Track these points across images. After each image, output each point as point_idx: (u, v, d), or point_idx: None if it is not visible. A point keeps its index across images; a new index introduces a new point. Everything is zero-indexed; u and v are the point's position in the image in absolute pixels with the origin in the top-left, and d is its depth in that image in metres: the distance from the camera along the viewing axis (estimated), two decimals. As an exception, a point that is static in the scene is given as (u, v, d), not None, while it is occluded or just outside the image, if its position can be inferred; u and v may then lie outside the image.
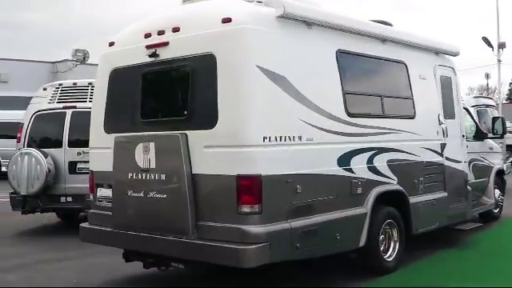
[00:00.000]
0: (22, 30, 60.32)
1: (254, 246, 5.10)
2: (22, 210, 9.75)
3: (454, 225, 8.13)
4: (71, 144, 9.79)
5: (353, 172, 6.20)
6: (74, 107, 9.97)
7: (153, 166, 5.71)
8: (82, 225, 6.64)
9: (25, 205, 9.58)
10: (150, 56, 5.94)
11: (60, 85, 10.45)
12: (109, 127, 6.39)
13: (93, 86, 9.84)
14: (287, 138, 5.48)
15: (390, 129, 6.80)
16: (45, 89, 10.45)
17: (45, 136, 10.24)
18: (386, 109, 6.85)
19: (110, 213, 6.17)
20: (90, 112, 9.60)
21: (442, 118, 7.80)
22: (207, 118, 5.46)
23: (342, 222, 5.99)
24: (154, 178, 5.69)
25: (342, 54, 6.30)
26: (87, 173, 9.19)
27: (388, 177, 6.70)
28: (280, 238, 5.29)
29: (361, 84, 6.70)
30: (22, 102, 13.58)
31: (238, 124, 5.27)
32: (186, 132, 5.55)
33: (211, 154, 5.42)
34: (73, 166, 9.77)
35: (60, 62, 30.78)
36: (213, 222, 5.38)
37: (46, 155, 9.55)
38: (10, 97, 23.41)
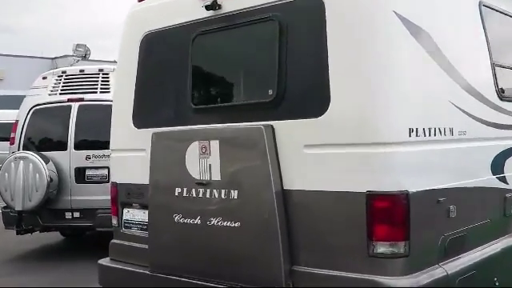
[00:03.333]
0: (18, 34, 58.97)
1: None
2: (17, 230, 7.95)
3: None
4: (78, 146, 7.98)
5: (506, 182, 4.24)
6: (82, 100, 8.10)
7: (216, 177, 3.72)
8: (102, 262, 4.62)
9: (20, 223, 7.83)
10: (208, 8, 3.91)
11: (63, 72, 8.59)
12: (141, 119, 4.38)
13: (104, 74, 8.34)
14: (437, 130, 3.47)
15: None
16: (45, 77, 8.59)
17: (45, 136, 8.43)
18: None
19: (146, 246, 4.20)
20: (100, 106, 7.97)
21: None
22: (310, 101, 3.48)
23: (500, 258, 4.06)
24: (219, 195, 3.71)
25: (485, 9, 4.32)
26: (98, 182, 7.81)
27: None
28: None
29: (507, 54, 4.69)
30: (18, 101, 12.12)
31: (367, 108, 3.24)
32: (273, 123, 3.54)
33: (318, 157, 3.40)
34: (80, 174, 7.95)
35: (60, 57, 29.07)
36: (321, 269, 3.39)
37: (46, 160, 7.74)
38: (5, 95, 22.21)
